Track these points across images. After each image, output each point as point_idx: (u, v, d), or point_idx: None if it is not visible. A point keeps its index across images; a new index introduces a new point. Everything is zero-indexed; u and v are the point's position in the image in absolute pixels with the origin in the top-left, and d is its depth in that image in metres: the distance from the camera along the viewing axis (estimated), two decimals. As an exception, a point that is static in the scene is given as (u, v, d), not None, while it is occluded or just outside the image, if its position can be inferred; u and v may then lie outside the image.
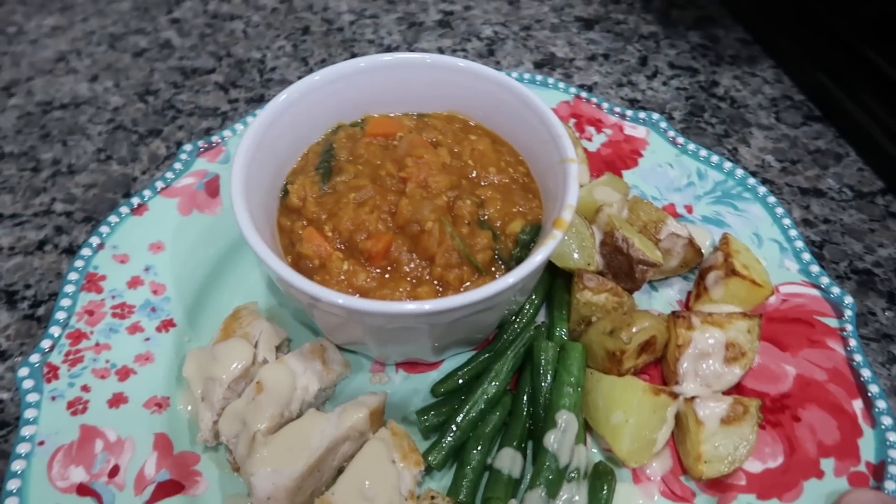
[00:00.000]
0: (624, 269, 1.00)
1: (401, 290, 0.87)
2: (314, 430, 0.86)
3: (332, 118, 1.05)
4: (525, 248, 0.92)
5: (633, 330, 0.91)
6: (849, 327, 0.95)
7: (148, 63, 1.49)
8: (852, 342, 0.94)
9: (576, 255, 0.99)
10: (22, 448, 0.84)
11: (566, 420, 0.87)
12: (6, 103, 1.39)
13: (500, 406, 0.93)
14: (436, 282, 0.88)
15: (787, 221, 1.07)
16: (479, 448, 0.89)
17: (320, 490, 0.86)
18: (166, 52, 1.52)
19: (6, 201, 1.21)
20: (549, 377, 0.92)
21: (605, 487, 0.86)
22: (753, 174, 1.25)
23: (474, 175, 0.99)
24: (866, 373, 0.91)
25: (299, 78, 1.00)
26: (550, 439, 0.86)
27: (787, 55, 1.50)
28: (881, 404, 0.88)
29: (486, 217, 0.94)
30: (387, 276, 0.89)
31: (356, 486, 0.82)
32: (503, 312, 0.95)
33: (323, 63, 1.46)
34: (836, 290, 0.99)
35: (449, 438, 0.90)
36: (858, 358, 0.92)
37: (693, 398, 0.89)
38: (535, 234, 0.93)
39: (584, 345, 0.94)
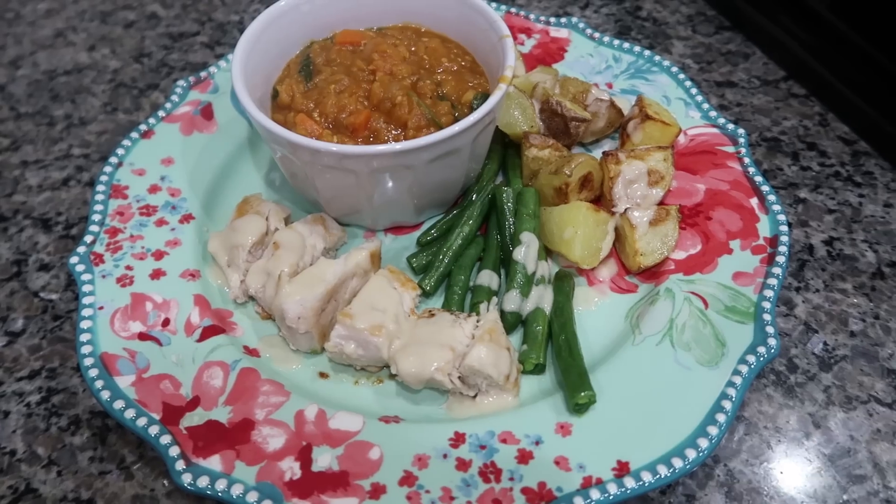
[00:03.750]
0: (561, 128, 1.21)
1: (382, 152, 1.07)
2: (327, 269, 1.04)
3: (306, 36, 1.24)
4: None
5: (573, 165, 1.12)
6: (742, 150, 1.19)
7: (138, 32, 1.67)
8: (746, 160, 1.17)
9: (521, 123, 1.21)
10: (86, 312, 1.01)
11: (528, 239, 1.08)
12: (15, 74, 1.56)
13: (474, 245, 1.14)
14: (410, 142, 1.08)
15: (688, 83, 1.31)
16: (462, 275, 1.10)
17: (338, 314, 1.05)
18: (153, 22, 1.70)
19: (29, 150, 1.38)
20: (511, 214, 1.13)
21: (567, 285, 1.07)
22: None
23: (429, 66, 1.20)
24: (759, 178, 1.14)
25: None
26: (519, 254, 1.07)
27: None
28: (772, 198, 1.11)
29: (444, 93, 1.14)
30: (372, 141, 1.09)
31: (368, 303, 1.01)
32: (466, 173, 1.15)
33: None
34: (730, 126, 1.23)
35: (438, 268, 1.10)
36: (752, 170, 1.16)
37: (626, 210, 1.11)
38: (484, 100, 1.13)
39: (535, 188, 1.16)
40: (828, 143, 1.36)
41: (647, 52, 1.37)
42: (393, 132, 1.09)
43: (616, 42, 1.40)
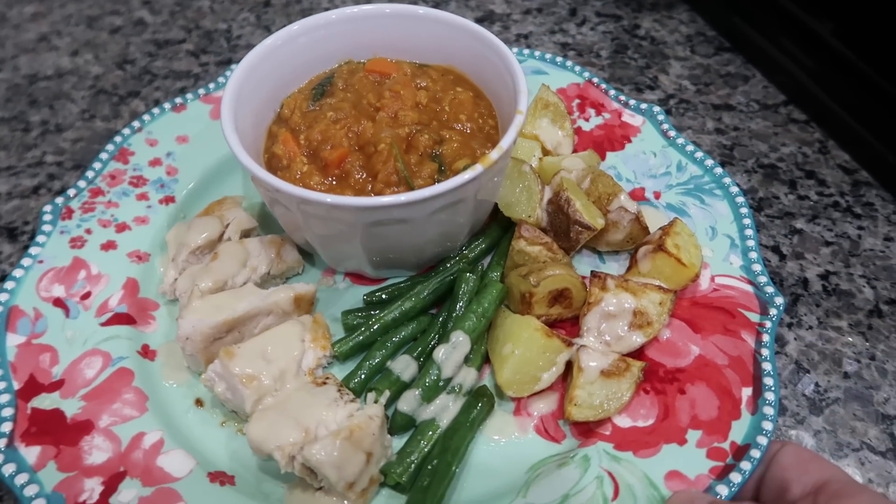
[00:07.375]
0: (563, 228, 1.05)
1: (344, 197, 0.98)
2: (244, 298, 0.99)
3: (343, 53, 1.18)
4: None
5: (543, 275, 0.96)
6: (768, 324, 0.95)
7: (124, 38, 1.66)
8: (765, 338, 0.94)
9: (522, 208, 1.06)
10: (25, 261, 1.04)
11: (460, 340, 0.95)
12: None
13: (415, 322, 1.02)
14: (374, 196, 0.99)
15: (746, 221, 1.08)
16: (383, 351, 0.99)
17: (235, 348, 0.99)
18: (140, 28, 1.68)
19: (1, 157, 1.37)
20: (462, 305, 1.00)
21: (480, 406, 0.92)
22: (671, 97, 1.39)
23: (445, 119, 1.09)
24: (767, 366, 0.91)
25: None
26: (440, 353, 0.94)
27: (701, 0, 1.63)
28: (770, 396, 0.88)
29: (438, 153, 1.03)
30: (334, 183, 1.01)
31: (261, 347, 0.94)
32: (436, 240, 1.03)
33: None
34: (770, 289, 0.99)
35: (358, 336, 1.00)
36: (765, 353, 0.92)
37: (582, 347, 0.93)
38: (478, 174, 1.01)
39: (506, 286, 1.01)
40: (827, 171, 1.26)
41: (718, 170, 1.15)
42: (362, 179, 1.01)
43: (689, 148, 1.18)
